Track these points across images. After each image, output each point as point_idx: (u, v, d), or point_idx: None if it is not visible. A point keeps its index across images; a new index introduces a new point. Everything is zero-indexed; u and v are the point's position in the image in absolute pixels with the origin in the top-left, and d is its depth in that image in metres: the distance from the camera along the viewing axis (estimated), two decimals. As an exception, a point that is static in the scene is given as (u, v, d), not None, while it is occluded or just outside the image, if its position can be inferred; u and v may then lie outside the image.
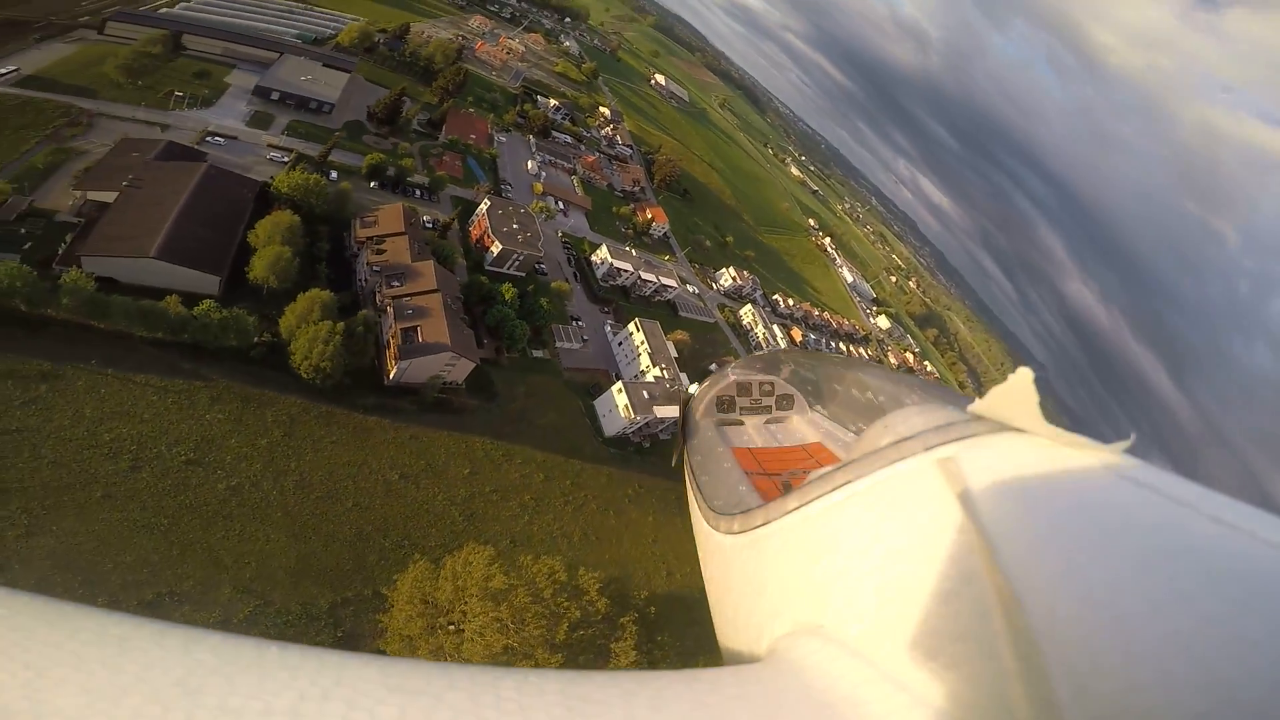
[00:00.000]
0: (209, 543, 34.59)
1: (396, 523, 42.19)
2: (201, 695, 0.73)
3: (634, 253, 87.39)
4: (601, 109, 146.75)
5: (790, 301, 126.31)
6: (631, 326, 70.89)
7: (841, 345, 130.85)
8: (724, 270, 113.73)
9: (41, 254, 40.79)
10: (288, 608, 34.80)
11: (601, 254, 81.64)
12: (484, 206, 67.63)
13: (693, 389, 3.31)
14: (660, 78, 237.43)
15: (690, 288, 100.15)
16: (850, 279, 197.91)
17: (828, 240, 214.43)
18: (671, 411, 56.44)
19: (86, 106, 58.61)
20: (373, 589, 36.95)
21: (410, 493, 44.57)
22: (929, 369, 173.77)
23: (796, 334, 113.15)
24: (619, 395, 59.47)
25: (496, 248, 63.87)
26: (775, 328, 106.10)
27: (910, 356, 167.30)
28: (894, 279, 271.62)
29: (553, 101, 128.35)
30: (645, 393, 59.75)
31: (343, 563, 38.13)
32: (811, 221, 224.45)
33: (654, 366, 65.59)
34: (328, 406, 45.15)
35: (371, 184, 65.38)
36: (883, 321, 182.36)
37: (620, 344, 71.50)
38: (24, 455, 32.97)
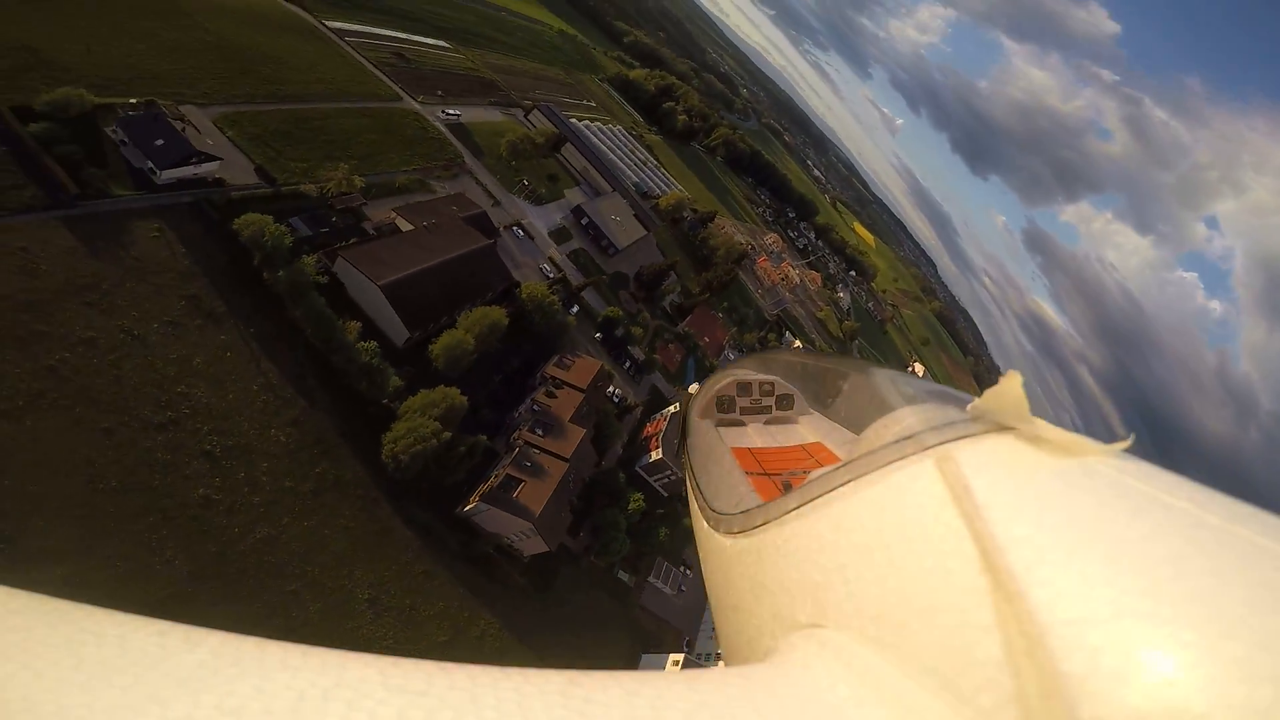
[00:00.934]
0: (121, 523, 28.87)
1: (311, 638, 32.39)
2: (201, 695, 0.73)
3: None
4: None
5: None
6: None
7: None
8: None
9: (324, 241, 44.95)
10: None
11: (752, 521, 69.82)
12: (671, 410, 62.94)
13: (693, 389, 3.29)
14: (919, 368, 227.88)
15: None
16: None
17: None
18: None
19: (467, 162, 71.50)
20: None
21: (362, 621, 34.82)
22: None
23: None
24: (672, 668, 44.63)
25: (657, 455, 57.17)
26: None
27: None
28: None
29: (797, 343, 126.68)
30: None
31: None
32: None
33: (732, 661, 49.09)
34: (378, 494, 39.02)
35: (596, 335, 65.36)
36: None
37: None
38: (110, 358, 31.92)
